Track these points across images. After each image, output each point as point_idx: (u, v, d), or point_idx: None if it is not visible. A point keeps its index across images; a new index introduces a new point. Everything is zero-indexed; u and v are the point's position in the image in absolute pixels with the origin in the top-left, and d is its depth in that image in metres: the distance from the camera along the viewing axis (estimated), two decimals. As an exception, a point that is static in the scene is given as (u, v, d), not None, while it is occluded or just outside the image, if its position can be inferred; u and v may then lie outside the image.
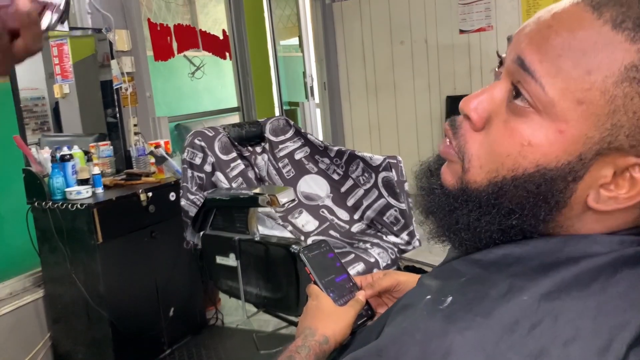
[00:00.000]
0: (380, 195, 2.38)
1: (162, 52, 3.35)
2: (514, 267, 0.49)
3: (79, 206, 2.23)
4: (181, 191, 2.19)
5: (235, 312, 2.95)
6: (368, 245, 2.19)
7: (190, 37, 3.54)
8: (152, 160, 2.71)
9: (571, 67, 0.45)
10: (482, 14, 3.97)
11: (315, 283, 0.83)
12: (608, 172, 0.46)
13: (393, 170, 2.35)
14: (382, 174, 2.37)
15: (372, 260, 2.08)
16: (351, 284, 0.85)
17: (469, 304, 0.47)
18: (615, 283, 0.46)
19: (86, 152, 2.67)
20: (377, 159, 2.40)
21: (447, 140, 0.55)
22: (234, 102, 4.13)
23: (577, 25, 0.45)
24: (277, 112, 4.32)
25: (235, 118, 4.11)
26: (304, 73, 3.54)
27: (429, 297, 0.50)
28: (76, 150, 2.53)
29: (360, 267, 2.02)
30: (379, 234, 2.33)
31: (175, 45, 3.42)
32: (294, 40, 4.80)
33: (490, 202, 0.50)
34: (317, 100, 4.54)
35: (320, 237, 2.29)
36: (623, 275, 0.46)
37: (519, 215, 0.50)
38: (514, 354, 0.42)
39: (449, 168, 0.55)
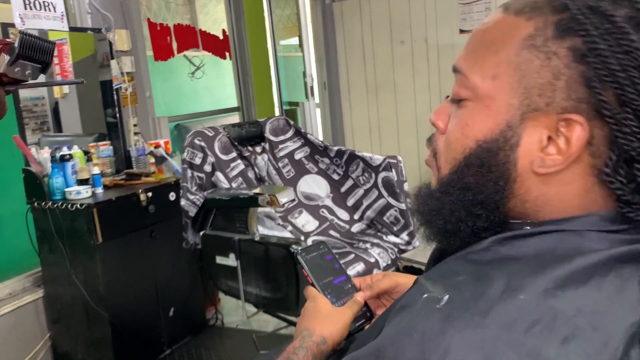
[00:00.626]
0: (380, 195, 2.38)
1: (162, 52, 3.34)
2: (511, 266, 0.50)
3: (78, 206, 2.23)
4: (181, 191, 2.19)
5: (235, 312, 2.94)
6: (368, 245, 2.19)
7: (190, 37, 3.54)
8: (152, 160, 2.71)
9: (484, 54, 0.55)
10: (483, 14, 3.97)
11: (312, 285, 0.83)
12: (543, 137, 0.51)
13: (393, 170, 2.35)
14: (382, 174, 2.37)
15: (372, 260, 2.07)
16: (350, 285, 0.85)
17: (467, 302, 0.47)
18: (610, 281, 0.47)
19: (86, 152, 2.66)
20: (377, 158, 2.39)
21: (430, 153, 0.63)
22: (233, 102, 4.13)
23: (491, 23, 0.56)
24: (277, 112, 4.32)
25: (235, 118, 4.11)
26: (304, 73, 3.54)
27: (425, 295, 0.50)
28: (76, 150, 2.53)
29: (360, 267, 2.02)
30: (379, 234, 2.33)
31: (175, 45, 3.41)
32: (294, 40, 4.79)
33: (452, 185, 0.57)
34: (317, 100, 4.54)
35: (320, 238, 2.28)
36: (617, 274, 0.47)
37: (475, 192, 0.55)
38: (513, 353, 0.42)
39: (433, 174, 0.63)
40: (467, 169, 0.56)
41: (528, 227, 0.54)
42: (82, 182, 2.42)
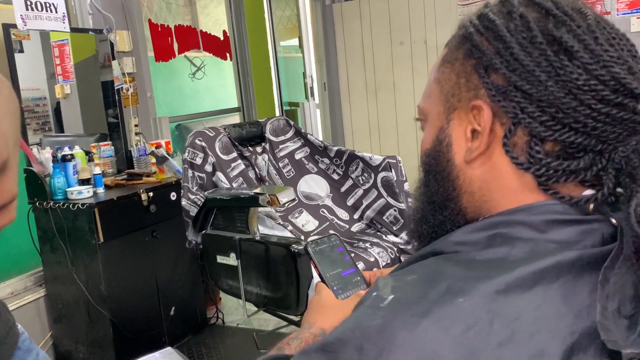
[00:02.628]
0: (379, 195, 2.39)
1: (163, 53, 3.36)
2: (459, 268, 0.51)
3: (80, 206, 2.24)
4: (182, 191, 2.21)
5: (235, 311, 2.96)
6: (368, 244, 2.20)
7: (191, 37, 3.55)
8: (153, 160, 2.72)
9: (426, 85, 0.65)
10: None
11: (319, 276, 0.84)
12: (467, 130, 0.57)
13: (392, 170, 2.36)
14: (382, 174, 2.38)
15: (372, 259, 2.09)
16: (358, 277, 0.85)
17: (409, 303, 0.48)
18: (557, 288, 0.47)
19: (87, 152, 2.68)
20: (377, 159, 2.41)
21: None
22: (234, 103, 4.14)
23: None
24: (277, 113, 4.33)
25: (235, 118, 4.12)
26: (304, 73, 3.55)
27: (374, 294, 0.52)
28: (77, 151, 2.55)
29: (360, 266, 2.02)
30: (378, 233, 2.34)
31: (176, 45, 3.43)
32: (294, 41, 4.81)
33: (421, 194, 0.65)
34: (317, 100, 4.55)
35: (331, 232, 2.30)
36: (565, 280, 0.48)
37: (435, 197, 0.62)
38: (448, 354, 0.43)
39: None
40: (426, 179, 0.63)
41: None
42: (83, 182, 2.44)
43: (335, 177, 2.52)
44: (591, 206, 0.53)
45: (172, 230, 2.50)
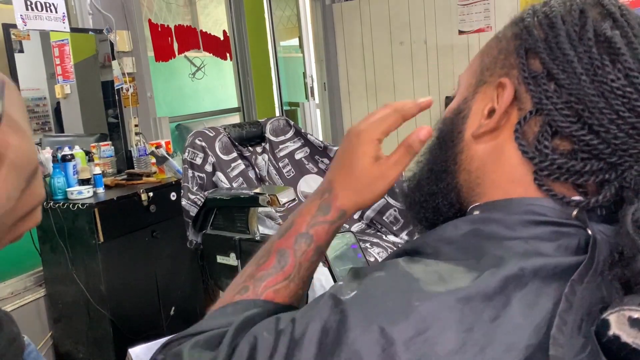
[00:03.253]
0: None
1: (163, 53, 3.36)
2: (422, 270, 0.50)
3: (80, 206, 2.24)
4: (182, 191, 2.21)
5: (235, 311, 2.96)
6: (368, 244, 2.20)
7: (191, 37, 3.55)
8: (153, 160, 2.72)
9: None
10: (482, 15, 3.98)
11: (329, 270, 0.83)
12: (486, 107, 0.58)
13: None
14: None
15: (372, 259, 2.09)
16: None
17: (367, 302, 0.47)
18: (521, 297, 0.46)
19: (87, 152, 2.68)
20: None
21: None
22: (234, 103, 4.14)
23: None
24: (277, 113, 4.33)
25: (235, 118, 4.12)
26: (304, 73, 3.55)
27: (341, 283, 0.51)
28: (77, 151, 2.55)
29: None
30: (378, 233, 2.34)
31: (176, 45, 3.43)
32: (294, 41, 4.81)
33: (424, 166, 0.65)
34: (317, 100, 4.55)
35: (347, 227, 2.30)
36: (530, 289, 0.46)
37: (431, 156, 0.63)
38: (401, 355, 0.43)
39: None
40: (433, 144, 0.63)
41: (477, 212, 0.57)
42: (83, 182, 2.44)
43: (335, 177, 2.52)
44: (574, 212, 0.51)
45: (172, 230, 2.50)
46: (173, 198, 2.55)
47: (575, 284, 0.47)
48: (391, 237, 2.30)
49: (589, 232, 0.50)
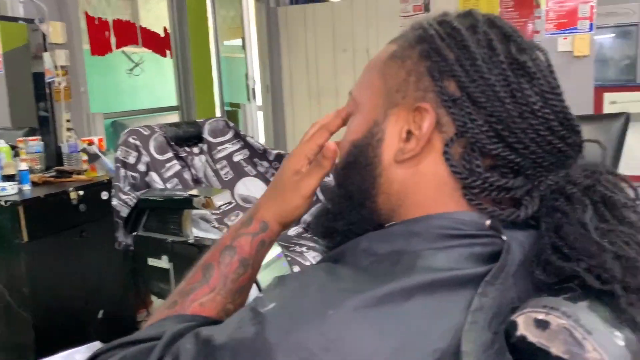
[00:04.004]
0: (317, 200, 2.39)
1: (100, 47, 3.25)
2: (341, 278, 0.51)
3: (3, 203, 2.13)
4: (113, 190, 2.14)
5: (167, 315, 2.88)
6: (304, 248, 2.21)
7: (129, 32, 3.45)
8: (85, 157, 2.62)
9: (364, 75, 0.64)
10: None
11: (255, 282, 0.82)
12: (402, 130, 0.57)
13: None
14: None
15: (308, 263, 2.09)
16: None
17: (284, 313, 0.48)
18: (430, 304, 0.48)
19: (13, 147, 2.55)
20: (316, 163, 2.42)
21: None
22: (173, 101, 4.06)
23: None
24: (217, 113, 4.28)
25: (174, 117, 4.04)
26: (247, 75, 3.52)
27: (261, 295, 0.52)
28: (2, 145, 2.42)
29: (296, 270, 2.03)
30: (315, 237, 2.35)
31: (113, 40, 3.32)
32: (238, 41, 4.77)
33: (336, 187, 0.64)
34: (259, 102, 4.52)
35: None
36: (440, 296, 0.48)
37: (350, 191, 0.61)
38: None
39: None
40: (347, 171, 0.61)
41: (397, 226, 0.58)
42: (7, 178, 2.32)
43: (274, 180, 2.51)
44: (488, 222, 0.53)
45: (102, 230, 2.42)
46: (104, 197, 2.46)
47: (488, 285, 0.49)
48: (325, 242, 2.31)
49: (504, 238, 0.52)
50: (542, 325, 0.47)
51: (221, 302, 0.63)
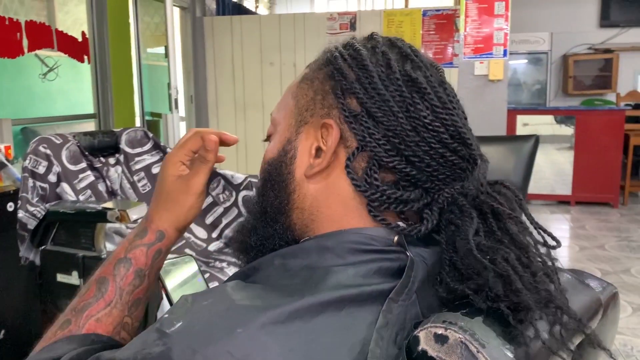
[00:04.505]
0: (239, 214, 2.36)
1: (10, 49, 3.06)
2: (249, 296, 0.51)
3: None
4: (19, 202, 2.00)
5: (77, 334, 2.73)
6: (225, 264, 2.16)
7: (43, 35, 3.28)
8: (-11, 166, 2.44)
9: (283, 98, 0.67)
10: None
11: (166, 297, 0.80)
12: (312, 146, 0.60)
13: (254, 189, 2.35)
14: (243, 193, 2.36)
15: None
16: None
17: (192, 332, 0.47)
18: (339, 319, 0.49)
19: None
20: (239, 177, 2.38)
21: None
22: (90, 108, 3.88)
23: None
24: (137, 122, 4.13)
25: (90, 125, 3.86)
26: (169, 84, 3.44)
27: (166, 316, 0.50)
28: None
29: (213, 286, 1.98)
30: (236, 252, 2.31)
31: (25, 42, 3.14)
32: (162, 49, 4.65)
33: (255, 205, 0.66)
34: (182, 113, 4.42)
35: (187, 251, 2.22)
36: (349, 311, 0.50)
37: (265, 208, 0.63)
38: None
39: None
40: (263, 188, 0.64)
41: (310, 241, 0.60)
42: None
43: (195, 193, 2.44)
44: (395, 238, 0.56)
45: (6, 244, 2.25)
46: (10, 209, 2.30)
47: (392, 302, 0.52)
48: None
49: (408, 254, 0.54)
50: (441, 339, 0.49)
51: (118, 315, 0.62)
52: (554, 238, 0.59)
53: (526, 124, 5.50)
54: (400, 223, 0.58)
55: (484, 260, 0.52)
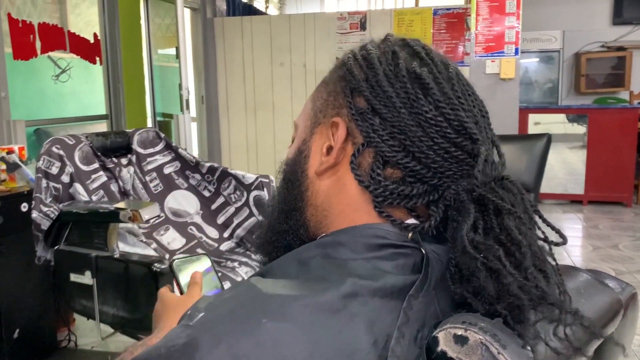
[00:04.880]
0: (251, 214, 2.37)
1: (23, 51, 3.09)
2: (272, 288, 0.51)
3: None
4: (33, 202, 2.02)
5: (90, 333, 2.75)
6: (236, 264, 2.17)
7: (56, 37, 3.31)
8: (3, 167, 2.47)
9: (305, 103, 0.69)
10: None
11: (180, 292, 0.80)
12: (324, 145, 0.62)
13: (265, 189, 2.35)
14: (254, 193, 2.37)
15: (239, 279, 2.05)
16: None
17: (215, 322, 0.47)
18: (363, 314, 0.49)
19: None
20: (250, 177, 2.39)
21: None
22: (102, 110, 3.91)
23: None
24: (149, 123, 4.16)
25: (102, 126, 3.89)
26: (180, 85, 3.45)
27: (189, 312, 0.51)
28: None
29: (227, 286, 1.98)
30: (247, 252, 2.31)
31: (38, 44, 3.17)
32: (173, 50, 4.67)
33: (275, 203, 0.69)
34: (193, 114, 4.44)
35: (199, 250, 2.23)
36: (372, 307, 0.50)
37: (280, 197, 0.66)
38: None
39: None
40: (281, 186, 0.67)
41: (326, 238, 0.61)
42: None
43: (207, 193, 2.45)
44: (410, 234, 0.56)
45: (21, 244, 2.27)
46: (24, 209, 2.32)
47: (412, 299, 0.52)
48: (260, 257, 2.28)
49: (423, 251, 0.55)
50: (461, 340, 0.49)
51: None
52: (561, 235, 0.58)
53: (538, 123, 5.46)
54: (411, 220, 0.58)
55: (477, 255, 0.52)
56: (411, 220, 0.58)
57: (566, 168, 5.56)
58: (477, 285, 0.52)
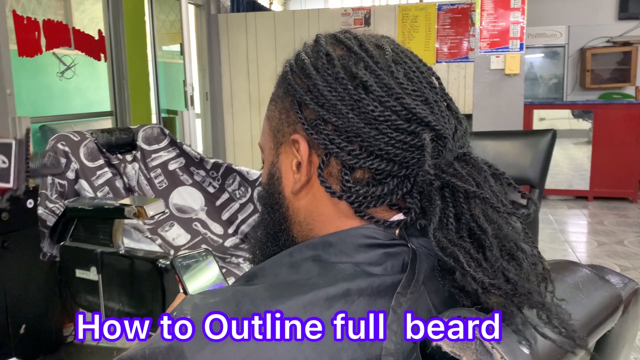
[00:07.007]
0: (255, 210, 2.37)
1: (28, 48, 3.10)
2: (259, 290, 0.52)
3: None
4: (39, 198, 2.03)
5: (96, 329, 2.77)
6: (241, 260, 2.17)
7: (61, 34, 3.31)
8: (9, 163, 2.48)
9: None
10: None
11: (184, 291, 0.80)
12: (292, 164, 0.61)
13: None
14: (259, 189, 2.37)
15: (243, 275, 2.06)
16: None
17: (199, 327, 0.48)
18: (347, 315, 0.49)
19: None
20: (254, 173, 2.39)
21: None
22: (107, 106, 3.92)
23: None
24: (154, 119, 4.17)
25: (107, 122, 3.90)
26: (185, 81, 3.45)
27: (174, 314, 0.51)
28: None
29: (231, 282, 1.99)
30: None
31: (43, 41, 3.18)
32: (178, 47, 4.68)
33: (259, 225, 0.68)
34: (197, 110, 4.44)
35: (203, 246, 2.24)
36: (359, 305, 0.50)
37: (264, 223, 0.66)
38: None
39: None
40: (262, 211, 0.67)
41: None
42: None
43: (211, 190, 2.46)
44: (396, 231, 0.56)
45: (26, 241, 2.28)
46: (30, 206, 2.33)
47: (400, 296, 0.51)
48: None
49: (411, 246, 0.54)
50: None
51: None
52: (531, 200, 0.57)
53: (543, 119, 5.44)
54: (397, 216, 0.57)
55: (445, 258, 0.51)
56: (397, 216, 0.57)
57: (571, 164, 5.54)
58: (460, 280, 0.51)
